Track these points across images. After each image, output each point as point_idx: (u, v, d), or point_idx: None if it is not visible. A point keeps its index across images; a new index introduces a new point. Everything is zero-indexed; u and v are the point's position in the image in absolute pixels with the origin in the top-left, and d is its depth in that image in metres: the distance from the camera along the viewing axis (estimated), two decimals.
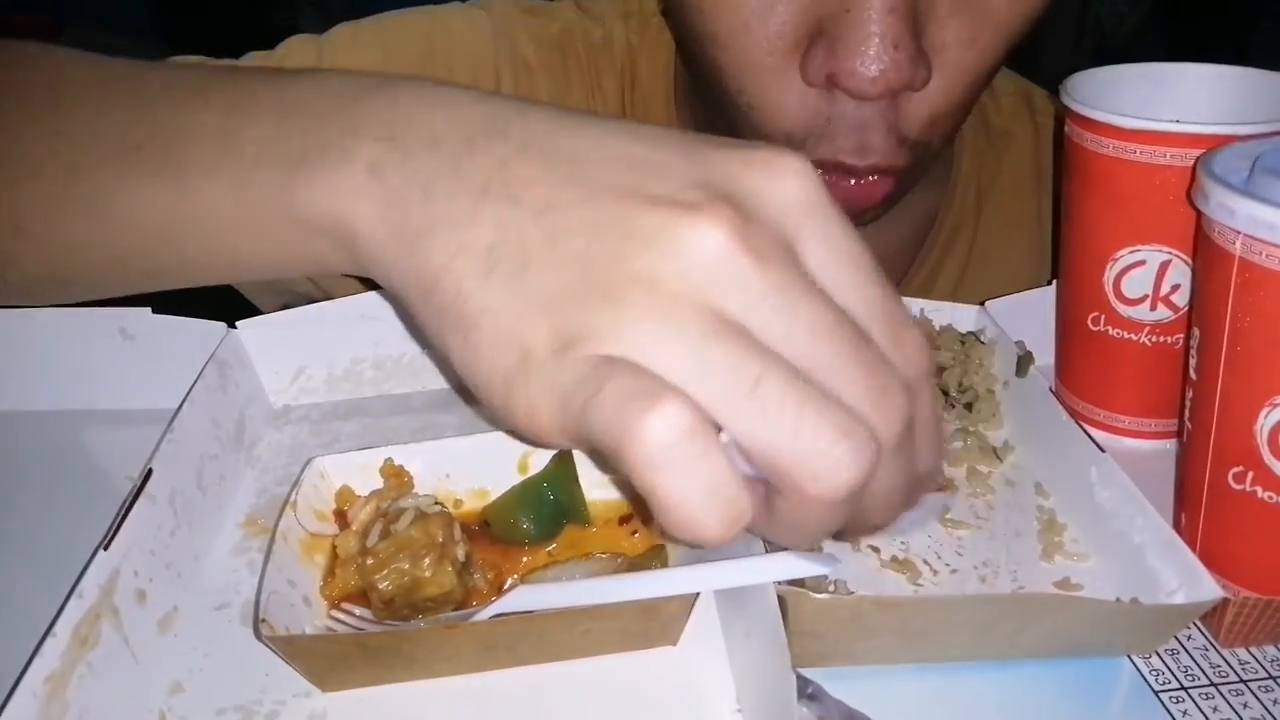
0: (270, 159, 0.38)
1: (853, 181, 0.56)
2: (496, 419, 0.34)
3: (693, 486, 0.29)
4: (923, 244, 0.73)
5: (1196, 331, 0.40)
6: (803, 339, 0.30)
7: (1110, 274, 0.48)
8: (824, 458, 0.29)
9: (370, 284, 0.44)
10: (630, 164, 0.33)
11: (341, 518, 0.43)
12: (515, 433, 0.34)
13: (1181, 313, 0.48)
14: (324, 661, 0.37)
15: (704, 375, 0.30)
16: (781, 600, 0.35)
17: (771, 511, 0.32)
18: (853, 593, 0.40)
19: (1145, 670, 0.38)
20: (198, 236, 0.41)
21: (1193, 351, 0.41)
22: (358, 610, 0.40)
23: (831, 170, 0.55)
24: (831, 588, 0.39)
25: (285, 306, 0.66)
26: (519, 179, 0.34)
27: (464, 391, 0.54)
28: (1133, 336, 0.49)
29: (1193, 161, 0.43)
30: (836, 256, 0.32)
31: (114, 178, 0.41)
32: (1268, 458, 0.37)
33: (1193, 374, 0.41)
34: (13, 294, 0.49)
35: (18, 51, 0.48)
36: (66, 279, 0.46)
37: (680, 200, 0.31)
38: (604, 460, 0.33)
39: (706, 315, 0.30)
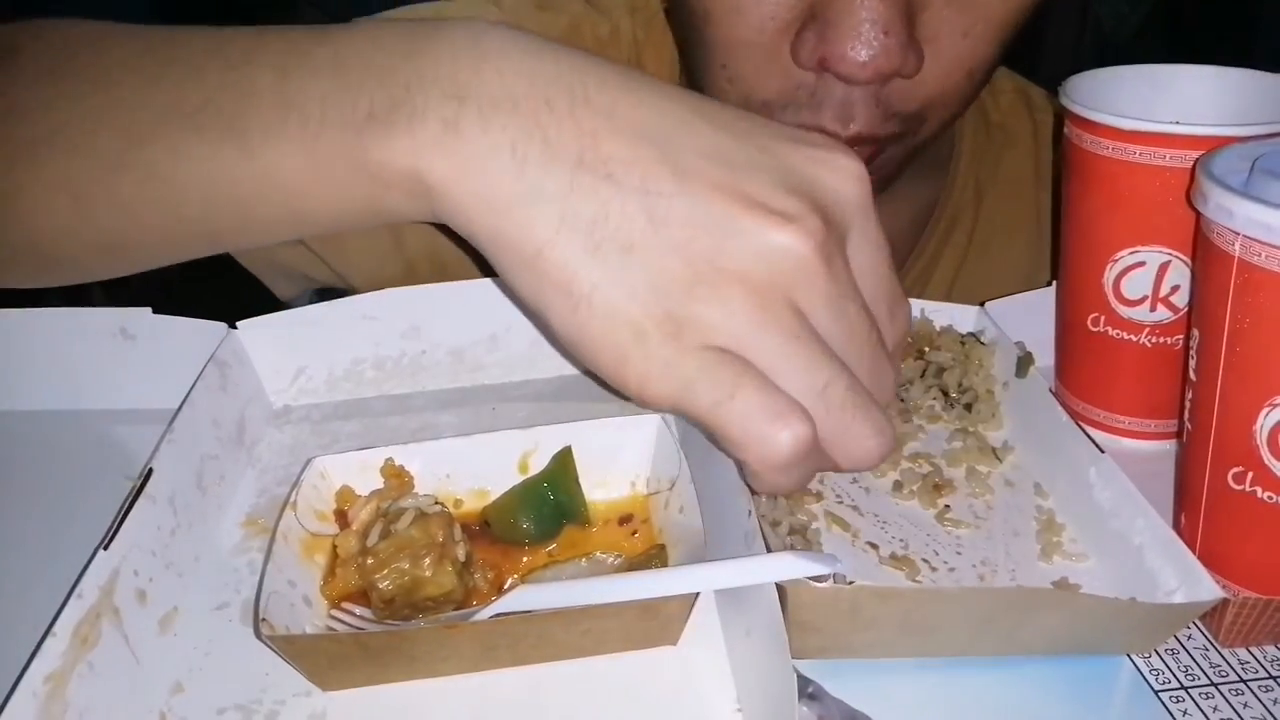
0: (336, 117, 0.38)
1: None
2: (586, 368, 0.39)
3: (799, 480, 0.39)
4: (922, 233, 0.74)
5: (1196, 332, 0.40)
6: (843, 336, 0.38)
7: (1110, 275, 0.48)
8: (861, 449, 0.38)
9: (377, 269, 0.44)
10: (720, 159, 0.37)
11: (342, 518, 0.43)
12: (612, 388, 0.39)
13: (1181, 313, 0.48)
14: (324, 661, 0.37)
15: (790, 369, 0.36)
16: (780, 590, 0.35)
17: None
18: (852, 583, 0.40)
19: (1145, 670, 0.38)
20: (265, 197, 0.41)
21: (1192, 352, 0.41)
22: (358, 610, 0.40)
23: None
24: (831, 580, 0.39)
25: (302, 292, 0.66)
26: (613, 157, 0.36)
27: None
28: (1132, 337, 0.49)
29: (1192, 163, 0.43)
30: (869, 247, 0.39)
31: (175, 143, 0.41)
32: (1267, 458, 0.37)
33: (1192, 375, 0.41)
34: (65, 268, 0.49)
35: (61, 28, 0.48)
36: (123, 246, 0.46)
37: (776, 208, 0.36)
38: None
39: (788, 313, 0.36)
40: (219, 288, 0.67)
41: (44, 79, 0.46)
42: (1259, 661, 0.39)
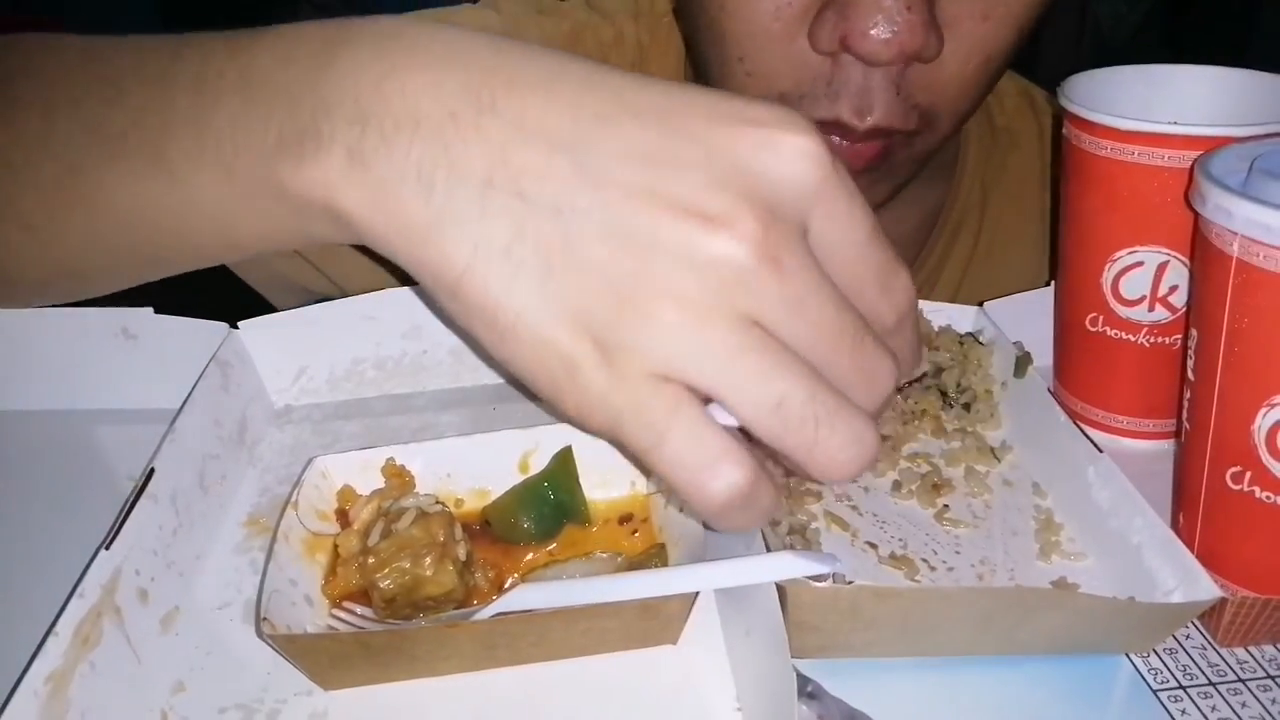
0: (247, 145, 0.37)
1: (843, 143, 0.56)
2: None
3: (747, 522, 0.34)
4: (928, 237, 0.73)
5: (1194, 332, 0.40)
6: (809, 338, 0.33)
7: (1108, 275, 0.48)
8: (832, 462, 0.33)
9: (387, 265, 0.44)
10: (642, 157, 0.33)
11: (343, 517, 0.43)
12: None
13: (1179, 313, 0.48)
14: (325, 660, 0.37)
15: (735, 389, 0.33)
16: (780, 590, 0.35)
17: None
18: (851, 582, 0.40)
19: (1144, 669, 0.39)
20: (195, 225, 0.41)
21: (1190, 352, 0.41)
22: (359, 609, 0.40)
23: (830, 130, 0.55)
24: (830, 580, 0.39)
25: (301, 304, 0.66)
26: (523, 172, 0.33)
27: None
28: (1131, 337, 0.49)
29: (1190, 163, 0.43)
30: (838, 226, 0.34)
31: (107, 173, 0.41)
32: (1265, 458, 0.37)
33: (1190, 374, 0.41)
34: (34, 293, 0.50)
35: (2, 47, 0.48)
36: (81, 273, 0.47)
37: (703, 210, 0.32)
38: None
39: (734, 327, 0.32)
40: (221, 287, 0.67)
41: None
42: (1257, 661, 0.39)
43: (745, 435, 0.34)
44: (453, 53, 0.36)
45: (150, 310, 0.53)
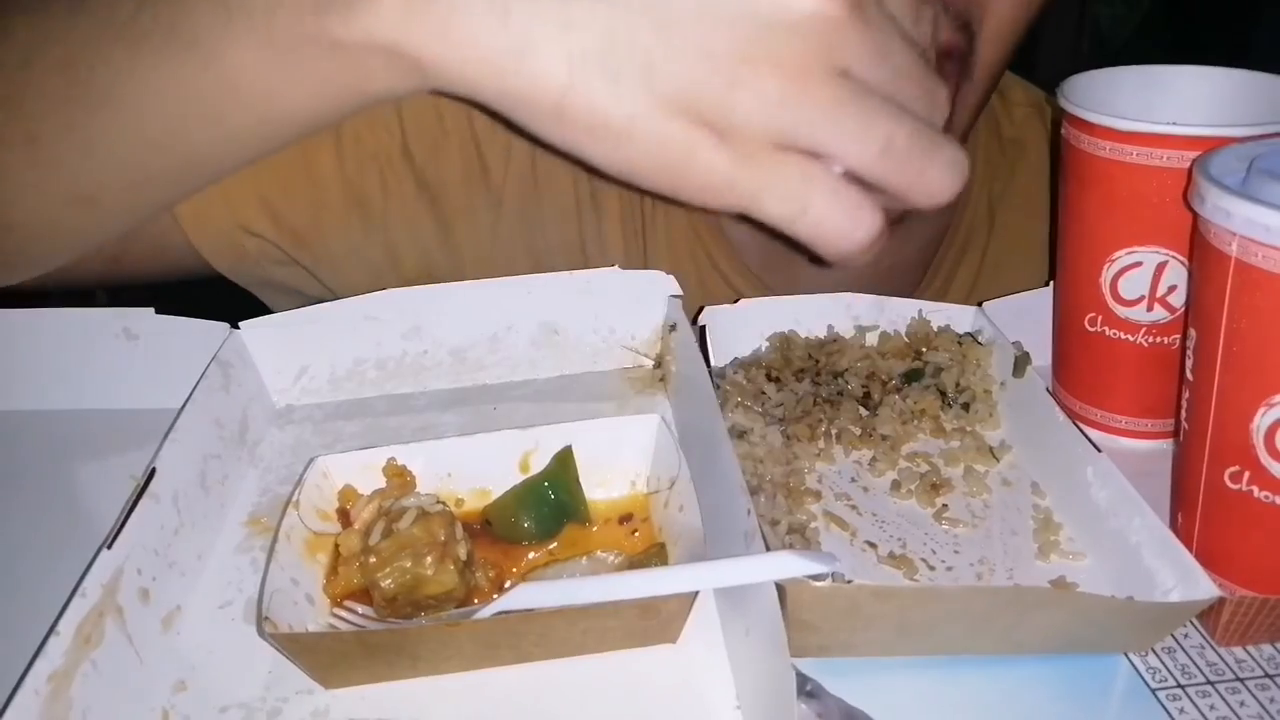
0: (288, 6, 0.36)
1: None
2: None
3: (873, 257, 0.38)
4: (935, 255, 0.73)
5: (1193, 332, 0.40)
6: (894, 80, 0.37)
7: (1107, 275, 0.48)
8: (939, 186, 0.37)
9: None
10: None
11: (344, 516, 0.43)
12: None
13: (1178, 313, 0.48)
14: (327, 659, 0.37)
15: (846, 139, 0.35)
16: (780, 589, 0.35)
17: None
18: (850, 581, 0.40)
19: (1142, 668, 0.39)
20: (234, 100, 0.39)
21: (1189, 352, 0.41)
22: (360, 608, 0.40)
23: None
24: (830, 579, 0.39)
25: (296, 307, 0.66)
26: None
27: None
28: (1129, 337, 0.49)
29: (1189, 163, 0.43)
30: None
31: (123, 61, 0.39)
32: (1264, 457, 0.37)
33: (1189, 374, 0.41)
34: (38, 237, 0.46)
35: None
36: (92, 197, 0.44)
37: None
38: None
39: (830, 80, 0.35)
40: (221, 288, 0.67)
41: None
42: (1255, 660, 0.39)
43: None
44: None
45: (151, 311, 0.54)
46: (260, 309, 0.55)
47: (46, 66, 0.42)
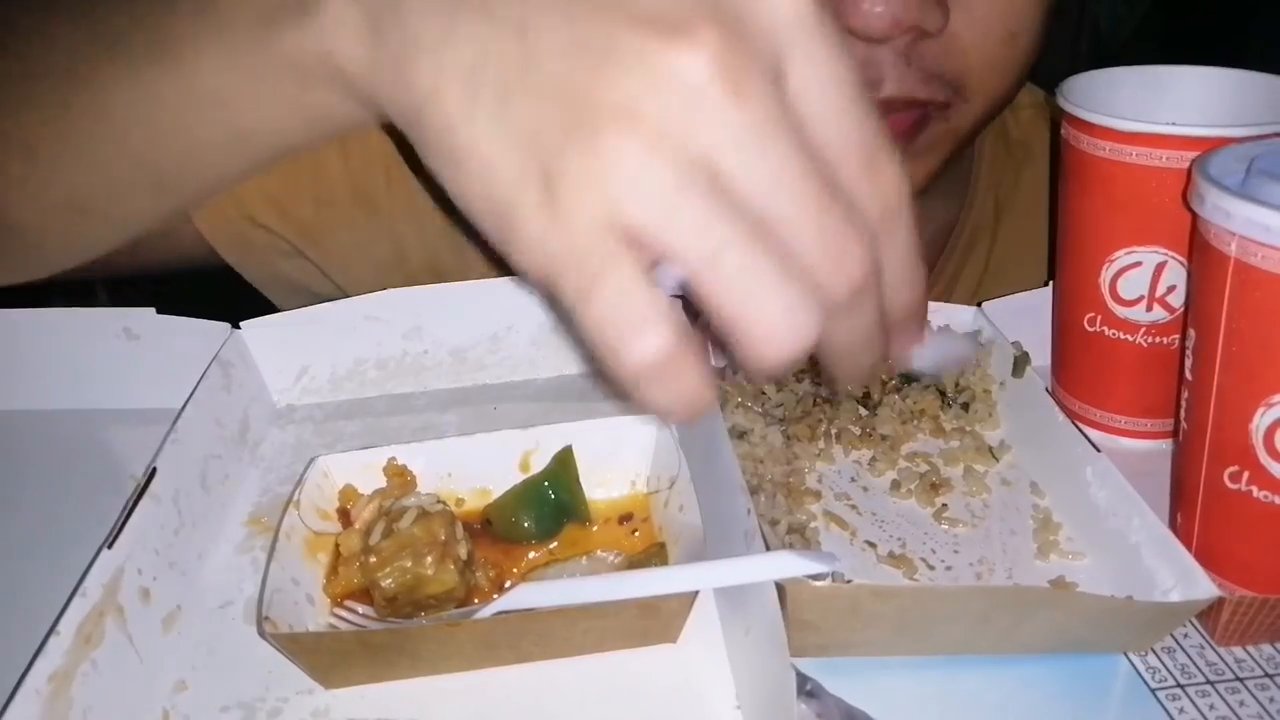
0: (249, 16, 0.37)
1: None
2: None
3: (666, 399, 0.32)
4: (940, 256, 0.73)
5: (1192, 332, 0.40)
6: (767, 187, 0.30)
7: (1106, 275, 0.48)
8: (769, 329, 0.31)
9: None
10: None
11: (344, 516, 0.43)
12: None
13: (1177, 313, 0.48)
14: (327, 659, 0.37)
15: (673, 234, 0.30)
16: (780, 589, 0.35)
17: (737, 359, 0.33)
18: (850, 581, 0.40)
19: (1142, 668, 0.39)
20: (201, 112, 0.40)
21: (1188, 352, 0.41)
22: (360, 608, 0.40)
23: None
24: (830, 579, 0.39)
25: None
26: None
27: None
28: (1129, 337, 0.49)
29: (1188, 163, 0.43)
30: (820, 78, 0.31)
31: (107, 72, 0.41)
32: (1263, 457, 0.37)
33: (1188, 374, 0.41)
34: (35, 242, 0.48)
35: None
36: (83, 207, 0.45)
37: (665, 19, 0.30)
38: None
39: (682, 161, 0.30)
40: (222, 288, 0.67)
41: None
42: (1255, 660, 0.39)
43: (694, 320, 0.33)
44: None
45: (152, 310, 0.54)
46: (261, 309, 0.55)
47: (45, 75, 0.43)
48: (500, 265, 0.39)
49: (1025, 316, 0.55)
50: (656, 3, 0.30)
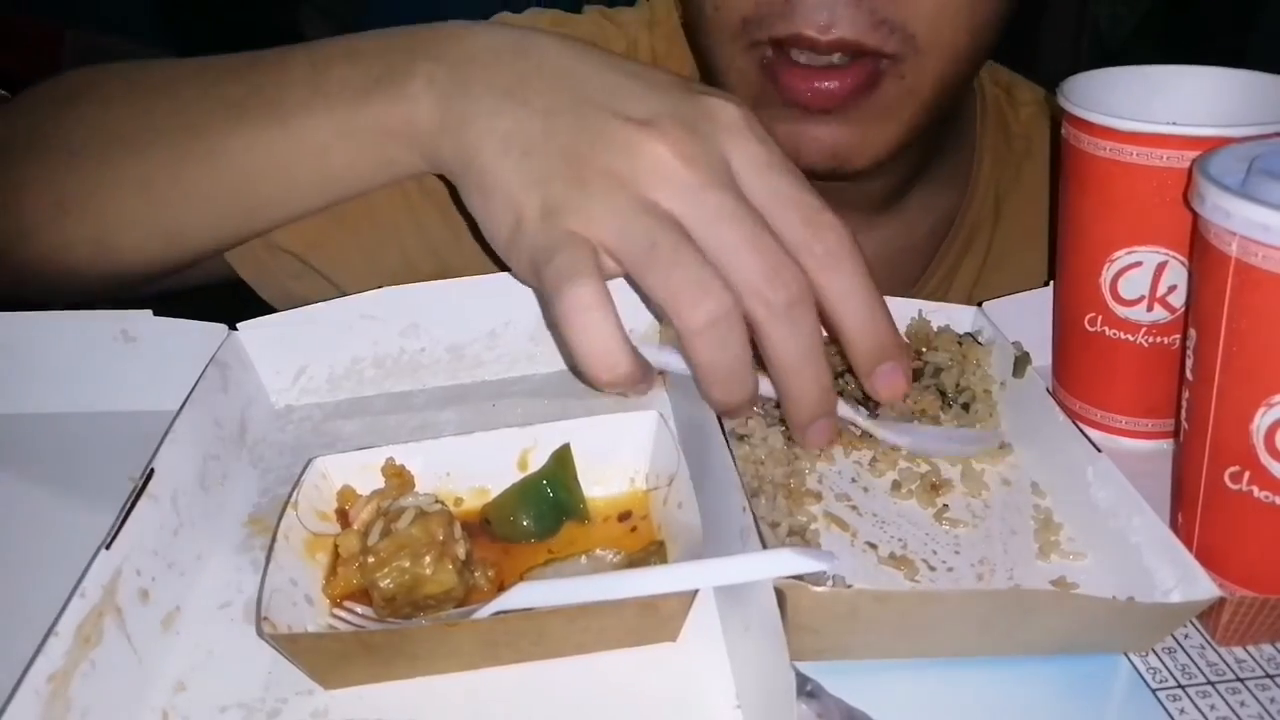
0: (353, 89, 0.50)
1: (815, 83, 0.57)
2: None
3: (587, 342, 0.42)
4: (941, 243, 0.74)
5: (1193, 332, 0.40)
6: (709, 223, 0.42)
7: (1107, 275, 0.48)
8: (689, 293, 0.41)
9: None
10: (616, 90, 0.46)
11: (343, 517, 0.43)
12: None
13: (1178, 313, 0.48)
14: (326, 659, 0.37)
15: (623, 238, 0.42)
16: (779, 594, 0.35)
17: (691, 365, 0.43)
18: (850, 586, 0.40)
19: (1142, 668, 0.39)
20: (302, 161, 0.52)
21: (1189, 352, 0.41)
22: (359, 608, 0.40)
23: (799, 44, 0.56)
24: (830, 583, 0.39)
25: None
26: (533, 89, 0.47)
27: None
28: (1129, 337, 0.49)
29: (1189, 163, 0.43)
30: (755, 163, 0.44)
31: (228, 129, 0.52)
32: (1264, 457, 0.37)
33: (1189, 374, 0.41)
34: (127, 257, 0.57)
35: (109, 69, 0.60)
36: (180, 232, 0.56)
37: (645, 120, 0.44)
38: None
39: (640, 199, 0.43)
40: (218, 290, 0.67)
41: (111, 102, 0.57)
42: (1256, 660, 0.39)
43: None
44: (508, 27, 0.51)
45: (150, 313, 0.53)
46: (258, 310, 0.55)
47: (168, 129, 0.54)
48: (502, 267, 0.48)
49: (1025, 316, 0.54)
50: (638, 106, 0.45)
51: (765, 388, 0.46)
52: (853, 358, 0.47)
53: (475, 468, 0.45)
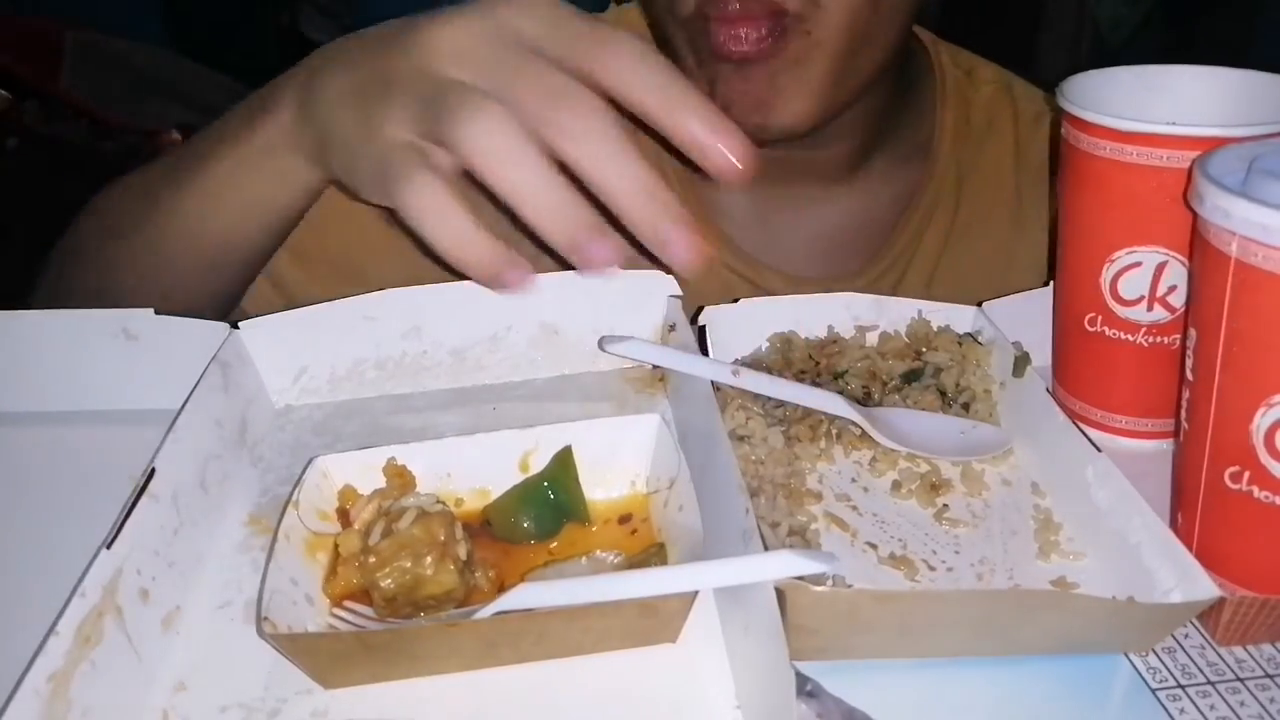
0: (242, 121, 0.56)
1: (733, 29, 0.59)
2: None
3: (438, 231, 0.44)
4: (900, 218, 0.76)
5: (1193, 332, 0.40)
6: (497, 77, 0.45)
7: (1107, 275, 0.48)
8: (474, 126, 0.43)
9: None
10: (434, 21, 0.47)
11: (344, 517, 0.43)
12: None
13: (1178, 313, 0.48)
14: (326, 659, 0.37)
15: (423, 119, 0.45)
16: (779, 593, 0.35)
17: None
18: (850, 586, 0.40)
19: (1142, 668, 0.39)
20: (222, 197, 0.58)
21: (1189, 352, 0.41)
22: (360, 608, 0.40)
23: (713, 10, 0.59)
24: (830, 583, 0.39)
25: None
26: (368, 54, 0.50)
27: None
28: (1129, 337, 0.49)
29: (1189, 163, 0.43)
30: (535, 17, 0.46)
31: (170, 192, 0.60)
32: (1264, 457, 0.37)
33: (1189, 374, 0.41)
34: (131, 298, 0.60)
35: (112, 190, 0.67)
36: (166, 293, 0.60)
37: (438, 22, 0.47)
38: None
39: (435, 82, 0.46)
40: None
41: (110, 208, 0.66)
42: (1256, 660, 0.39)
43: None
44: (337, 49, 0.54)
45: (151, 311, 0.53)
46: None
47: (132, 210, 0.63)
48: None
49: (1025, 316, 0.55)
50: (440, 21, 0.47)
51: (765, 387, 0.46)
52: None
53: (477, 469, 0.45)
